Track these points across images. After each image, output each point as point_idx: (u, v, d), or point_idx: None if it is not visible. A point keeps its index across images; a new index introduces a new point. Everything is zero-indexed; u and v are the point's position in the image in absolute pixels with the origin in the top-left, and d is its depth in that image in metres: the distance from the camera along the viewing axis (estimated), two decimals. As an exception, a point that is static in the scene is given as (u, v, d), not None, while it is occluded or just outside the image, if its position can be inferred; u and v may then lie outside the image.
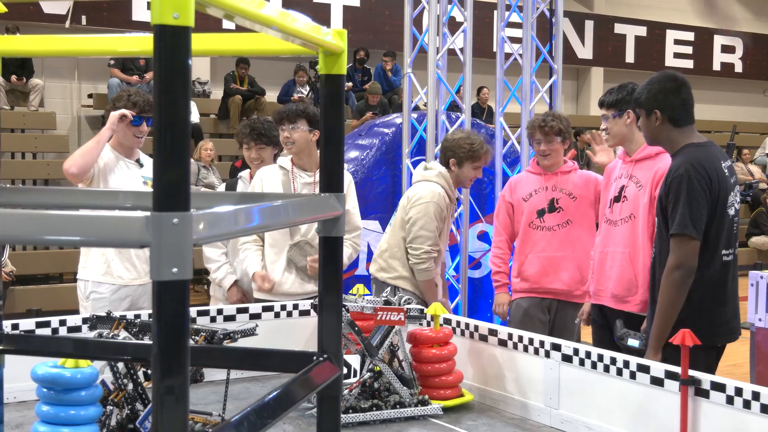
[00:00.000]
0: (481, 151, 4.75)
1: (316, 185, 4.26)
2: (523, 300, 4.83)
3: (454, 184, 4.78)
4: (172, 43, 1.20)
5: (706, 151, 3.47)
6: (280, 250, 4.33)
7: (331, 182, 1.90)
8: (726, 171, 3.49)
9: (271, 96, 13.68)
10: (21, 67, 12.00)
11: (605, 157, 4.79)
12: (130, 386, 2.53)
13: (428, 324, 3.28)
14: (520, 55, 6.85)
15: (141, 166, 4.51)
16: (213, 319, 3.37)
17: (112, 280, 4.38)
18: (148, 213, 1.21)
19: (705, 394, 2.41)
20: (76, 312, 4.39)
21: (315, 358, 1.87)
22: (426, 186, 4.68)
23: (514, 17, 6.97)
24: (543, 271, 4.77)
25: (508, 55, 7.03)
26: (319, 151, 4.35)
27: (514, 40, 7.08)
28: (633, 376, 2.61)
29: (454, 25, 6.94)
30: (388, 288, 4.15)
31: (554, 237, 4.76)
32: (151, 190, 1.24)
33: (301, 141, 4.33)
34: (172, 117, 1.22)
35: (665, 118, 3.51)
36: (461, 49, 6.63)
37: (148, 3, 12.85)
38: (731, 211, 3.48)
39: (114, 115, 4.31)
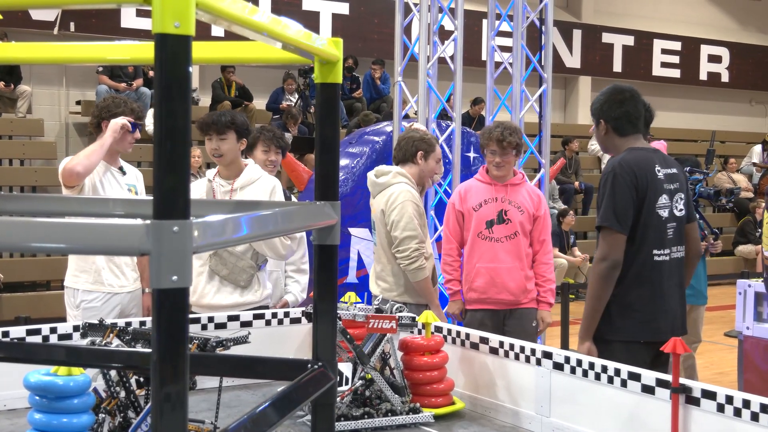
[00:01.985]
0: (437, 143, 4.82)
1: (234, 192, 4.26)
2: (477, 312, 4.91)
3: (417, 179, 4.70)
4: (173, 51, 1.21)
5: (638, 154, 3.62)
6: (204, 262, 4.28)
7: (327, 190, 1.90)
8: (661, 175, 3.61)
9: (260, 103, 13.67)
10: (9, 73, 11.95)
11: None
12: (123, 394, 2.53)
13: (419, 332, 3.28)
14: (510, 64, 6.89)
15: (124, 173, 4.51)
16: (204, 327, 3.36)
17: (102, 288, 4.37)
18: (148, 221, 1.21)
19: (696, 401, 2.42)
20: (64, 319, 4.37)
21: (309, 365, 1.88)
22: (394, 189, 4.57)
23: (504, 26, 7.00)
24: (491, 281, 4.84)
25: (497, 64, 7.06)
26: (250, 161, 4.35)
27: (504, 48, 7.11)
28: (624, 383, 2.62)
29: (443, 34, 6.96)
30: (380, 296, 4.14)
31: (502, 248, 4.84)
32: (137, 197, 1.24)
33: (230, 153, 4.30)
34: (173, 125, 1.23)
35: (609, 128, 3.72)
36: (451, 58, 6.65)
37: (137, 10, 12.79)
38: (663, 213, 3.58)
39: (117, 122, 4.29)
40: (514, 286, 4.82)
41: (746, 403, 2.29)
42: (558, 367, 2.84)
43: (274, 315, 3.56)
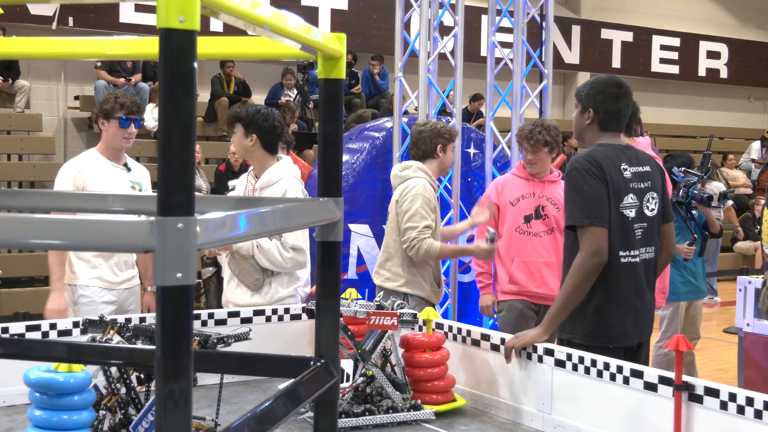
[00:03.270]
0: (455, 131, 4.84)
1: (255, 191, 4.22)
2: (516, 302, 4.92)
3: (437, 172, 4.74)
4: (178, 46, 1.20)
5: (605, 150, 3.46)
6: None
7: (330, 186, 1.89)
8: (628, 174, 3.45)
9: (259, 99, 13.64)
10: (7, 68, 11.93)
11: None
12: (123, 391, 2.52)
13: (420, 329, 3.27)
14: (511, 60, 6.87)
15: (129, 170, 4.48)
16: (204, 324, 3.35)
17: (99, 283, 4.37)
18: (152, 218, 1.20)
19: (698, 399, 2.42)
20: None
21: (312, 363, 1.87)
22: (410, 183, 4.60)
23: (504, 22, 6.99)
24: (530, 275, 4.88)
25: (498, 60, 7.04)
26: (254, 155, 4.27)
27: (504, 44, 7.09)
28: (626, 381, 2.62)
29: (443, 29, 6.95)
30: (381, 292, 4.14)
31: (540, 243, 4.86)
32: (137, 193, 1.23)
33: (238, 148, 4.28)
34: (177, 120, 1.22)
35: (596, 120, 3.53)
36: (452, 53, 6.63)
37: (136, 5, 12.70)
38: (629, 213, 3.41)
39: (54, 311, 4.34)
40: (553, 282, 4.82)
41: (749, 401, 2.29)
42: (560, 364, 2.84)
43: (275, 311, 3.55)
